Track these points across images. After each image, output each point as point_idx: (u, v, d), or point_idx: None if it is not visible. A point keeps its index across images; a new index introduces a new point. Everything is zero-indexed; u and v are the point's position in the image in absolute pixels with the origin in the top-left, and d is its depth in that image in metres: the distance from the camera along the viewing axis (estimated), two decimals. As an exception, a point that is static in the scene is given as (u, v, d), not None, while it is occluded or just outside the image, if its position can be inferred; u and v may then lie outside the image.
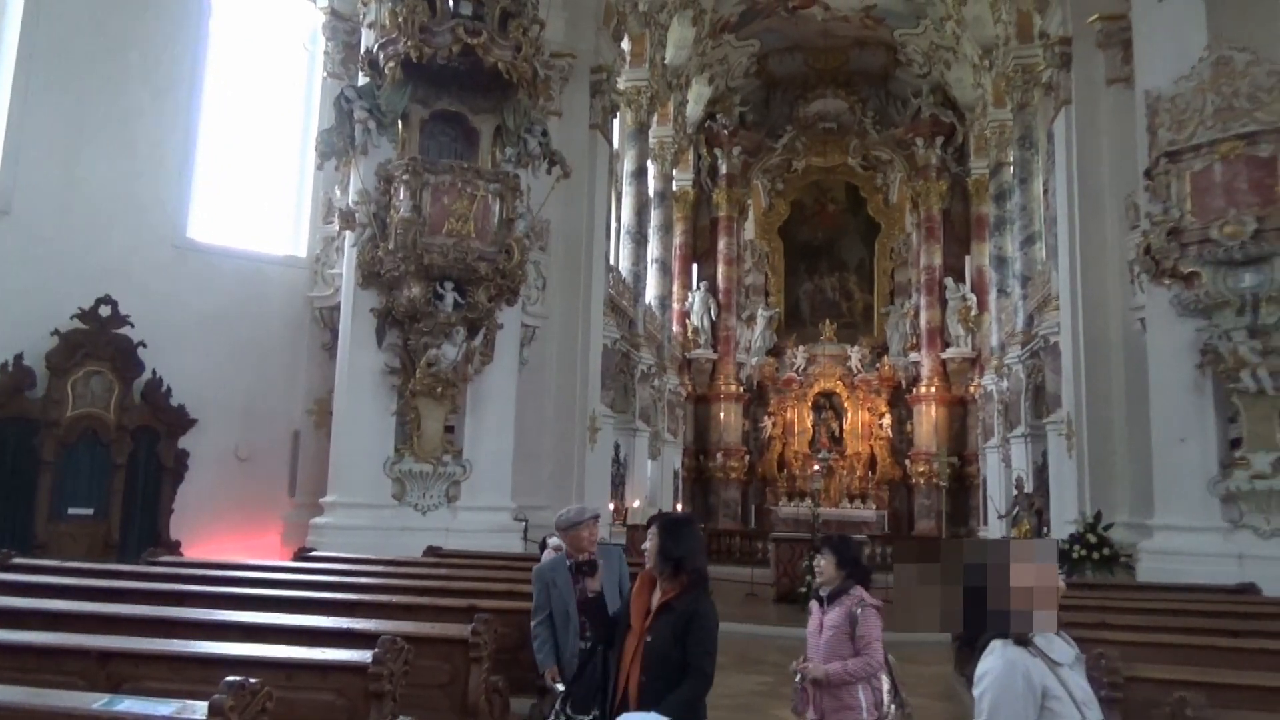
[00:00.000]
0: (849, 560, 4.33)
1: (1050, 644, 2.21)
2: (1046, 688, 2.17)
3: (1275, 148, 9.01)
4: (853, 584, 4.27)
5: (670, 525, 3.42)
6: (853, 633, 4.11)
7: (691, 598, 3.27)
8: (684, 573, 3.29)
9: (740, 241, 24.23)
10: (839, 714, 4.09)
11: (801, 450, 22.90)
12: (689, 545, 3.35)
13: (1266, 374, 9.02)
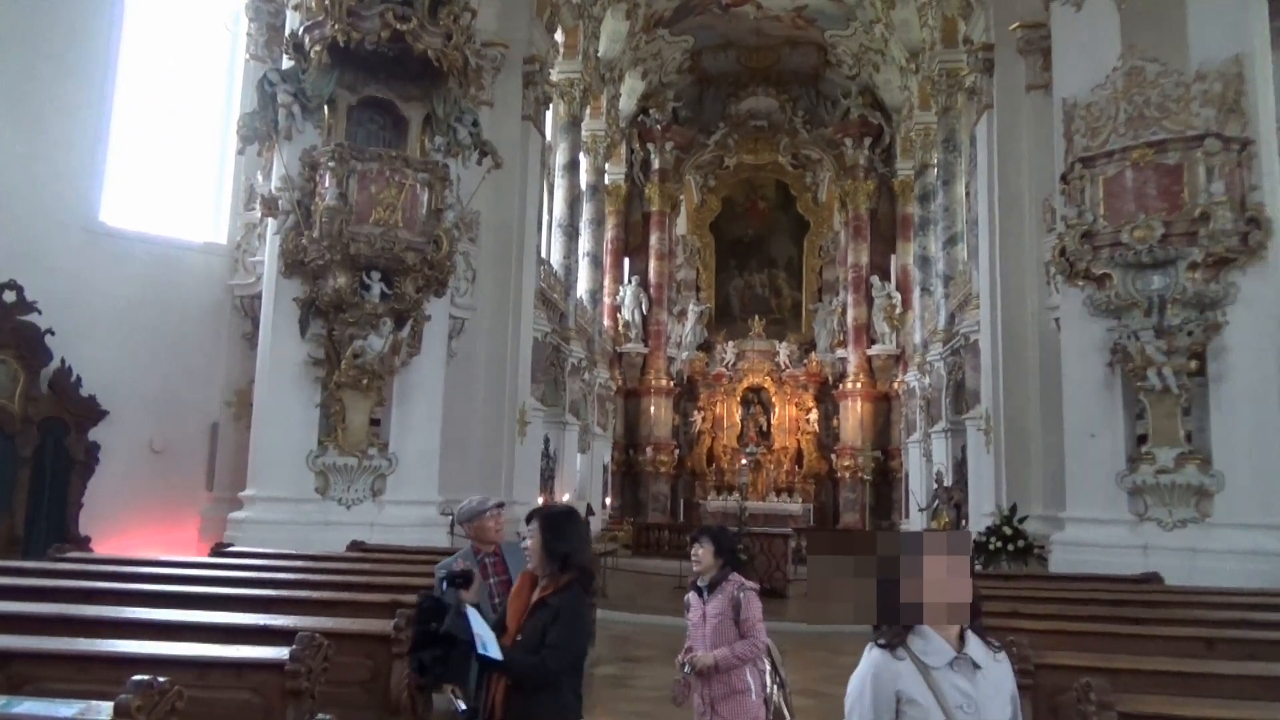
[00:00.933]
0: (726, 549, 4.39)
1: (927, 644, 2.11)
2: (901, 692, 2.09)
3: (1182, 156, 9.41)
4: (730, 571, 4.33)
5: (552, 520, 3.24)
6: (736, 618, 4.15)
7: (570, 594, 3.10)
8: (569, 569, 3.12)
9: (672, 236, 24.36)
10: (730, 699, 4.09)
11: (730, 444, 23.14)
12: (573, 541, 3.18)
13: (1170, 373, 9.41)
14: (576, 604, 3.09)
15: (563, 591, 3.10)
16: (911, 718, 2.09)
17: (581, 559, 3.17)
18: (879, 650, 2.17)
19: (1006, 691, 2.15)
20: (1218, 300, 9.36)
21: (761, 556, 13.77)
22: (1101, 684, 3.31)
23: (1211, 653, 4.83)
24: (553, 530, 3.18)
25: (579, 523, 3.29)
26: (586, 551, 3.24)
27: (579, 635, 3.08)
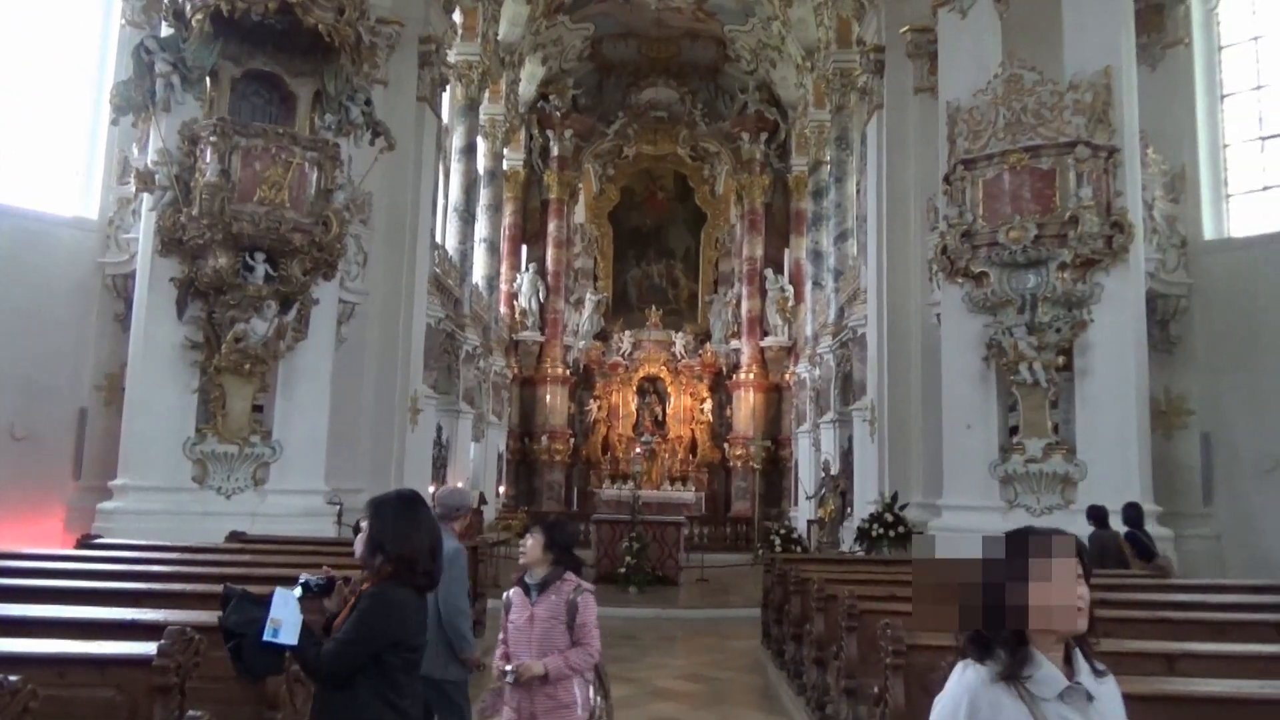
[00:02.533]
0: (558, 544, 3.90)
1: (1036, 672, 1.86)
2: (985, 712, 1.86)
3: (1055, 161, 9.92)
4: (563, 570, 3.86)
5: (379, 506, 2.96)
6: (571, 622, 3.73)
7: (377, 588, 2.83)
8: (387, 560, 2.84)
9: (570, 225, 24.28)
10: (554, 714, 3.68)
11: (625, 433, 23.27)
12: (395, 527, 2.88)
13: (1040, 368, 9.94)
14: (382, 598, 2.78)
15: (379, 584, 2.83)
16: None
17: (402, 548, 2.84)
18: (976, 671, 1.90)
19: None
20: (1084, 299, 9.92)
21: (654, 545, 13.91)
22: (967, 662, 3.47)
23: (1070, 631, 5.13)
24: (378, 516, 2.91)
25: (413, 510, 2.97)
26: (413, 541, 2.87)
27: (373, 632, 2.74)
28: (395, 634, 2.78)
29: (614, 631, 10.59)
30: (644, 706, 7.33)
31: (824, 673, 6.20)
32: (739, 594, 13.23)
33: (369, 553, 2.88)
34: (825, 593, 6.32)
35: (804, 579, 7.14)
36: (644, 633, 10.68)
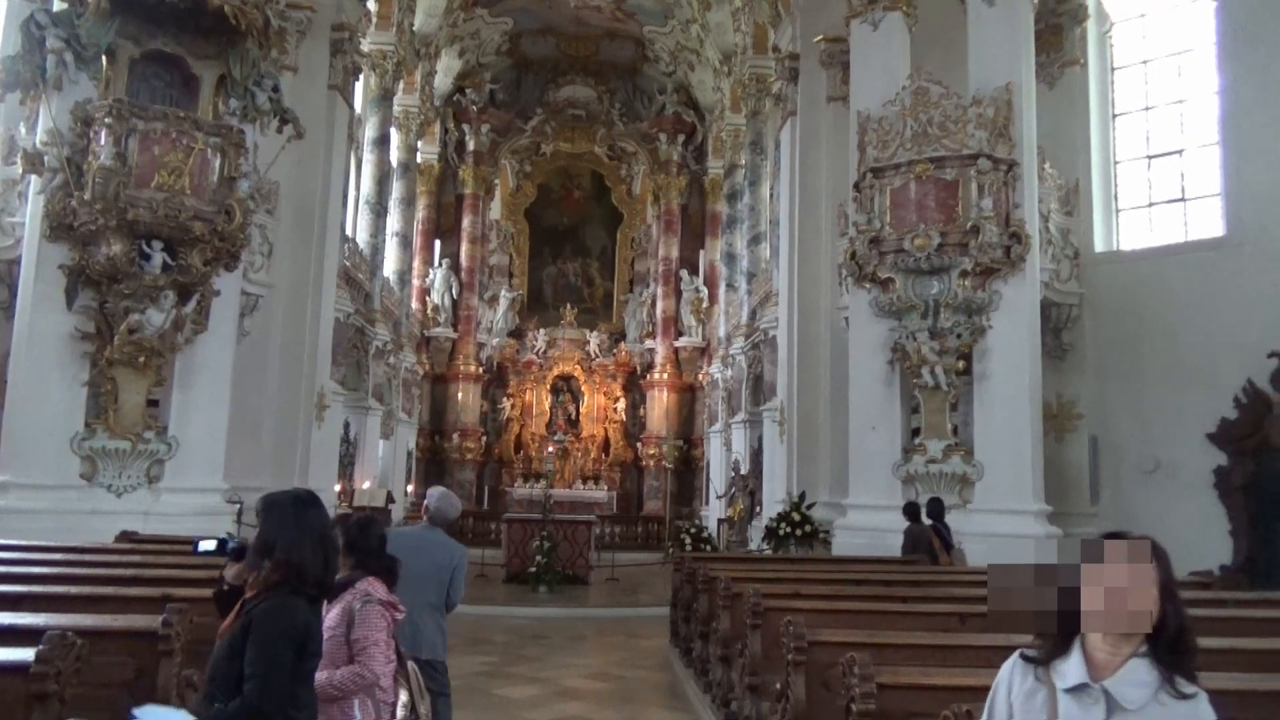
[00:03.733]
0: (358, 545, 3.52)
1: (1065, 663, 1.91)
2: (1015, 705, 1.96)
3: (958, 172, 10.26)
4: (360, 575, 3.46)
5: (272, 504, 2.70)
6: (347, 635, 3.31)
7: (266, 599, 2.55)
8: (276, 565, 2.59)
9: (485, 221, 24.04)
10: None
11: (539, 432, 23.16)
12: (286, 529, 2.62)
13: (942, 371, 10.27)
14: (280, 613, 2.51)
15: (267, 593, 2.55)
16: None
17: (292, 554, 2.55)
18: (1018, 659, 2.01)
19: None
20: (983, 306, 10.30)
21: (565, 544, 13.88)
22: (864, 658, 3.57)
23: (964, 626, 5.31)
24: (269, 516, 2.65)
25: (308, 513, 2.71)
26: (301, 548, 2.58)
27: (285, 650, 2.49)
28: (298, 647, 2.57)
29: (523, 631, 10.57)
30: (551, 706, 7.31)
31: (729, 670, 6.28)
32: (649, 593, 13.30)
33: (256, 556, 2.64)
34: (731, 591, 6.40)
35: (712, 577, 7.22)
36: (553, 632, 10.65)
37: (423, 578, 4.85)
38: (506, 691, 7.67)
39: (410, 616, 4.74)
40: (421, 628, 4.83)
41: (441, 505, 5.17)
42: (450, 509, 5.21)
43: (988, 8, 10.86)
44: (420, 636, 4.81)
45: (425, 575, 4.87)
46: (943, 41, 11.50)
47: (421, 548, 4.96)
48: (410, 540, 5.00)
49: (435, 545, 5.03)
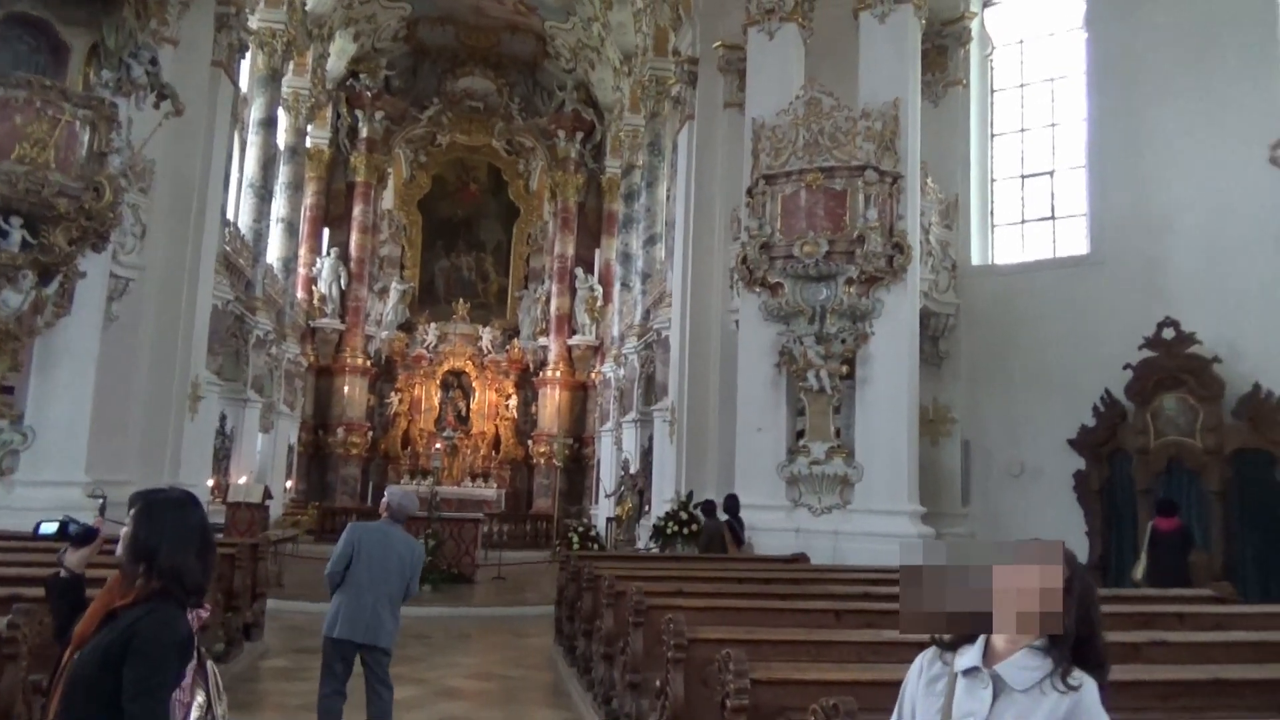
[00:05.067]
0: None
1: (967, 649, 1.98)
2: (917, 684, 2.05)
3: (847, 182, 10.57)
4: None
5: (152, 506, 2.51)
6: None
7: (147, 609, 2.36)
8: (154, 574, 2.39)
9: (377, 210, 23.44)
10: None
11: (427, 428, 22.74)
12: (169, 537, 2.44)
13: (826, 375, 10.57)
14: (167, 626, 2.35)
15: (141, 604, 2.38)
16: (925, 711, 2.01)
17: (175, 561, 2.39)
18: (931, 647, 2.08)
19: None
20: (867, 313, 10.65)
21: (451, 542, 13.66)
22: (739, 654, 3.63)
23: (839, 623, 5.48)
24: (149, 518, 2.46)
25: (190, 515, 2.56)
26: (188, 553, 2.44)
27: (169, 664, 2.35)
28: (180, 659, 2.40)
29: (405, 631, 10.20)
30: (431, 707, 7.18)
31: (611, 668, 6.30)
32: (536, 591, 13.23)
33: (131, 560, 2.44)
34: (615, 589, 6.43)
35: (596, 576, 7.23)
36: (436, 632, 10.46)
37: (386, 571, 5.30)
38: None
39: (373, 608, 5.29)
40: (382, 618, 5.29)
41: (402, 502, 5.62)
42: (409, 505, 5.69)
43: (879, 25, 11.22)
44: (380, 627, 5.28)
45: (389, 569, 5.30)
46: (836, 55, 11.83)
47: (385, 542, 5.39)
48: (374, 535, 5.41)
49: (397, 540, 5.44)
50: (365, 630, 5.27)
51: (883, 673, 3.80)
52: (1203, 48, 11.16)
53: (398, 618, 5.46)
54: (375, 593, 5.28)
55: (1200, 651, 4.56)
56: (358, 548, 5.33)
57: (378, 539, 5.38)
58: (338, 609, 5.30)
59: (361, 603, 5.25)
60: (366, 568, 5.28)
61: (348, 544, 5.35)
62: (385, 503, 5.66)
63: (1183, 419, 10.56)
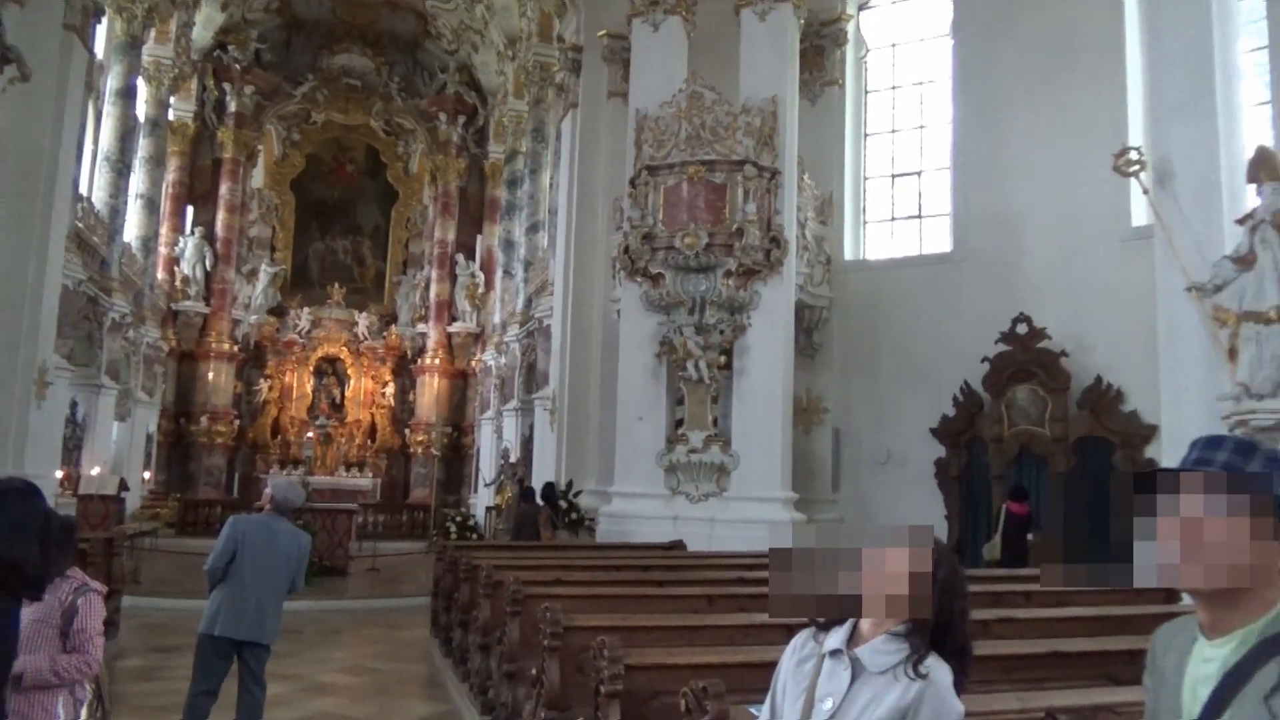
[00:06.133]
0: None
1: (836, 631, 2.01)
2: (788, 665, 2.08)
3: (727, 176, 10.77)
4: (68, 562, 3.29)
5: None
6: (66, 627, 3.14)
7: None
8: None
9: (247, 189, 22.41)
10: None
11: (299, 416, 21.97)
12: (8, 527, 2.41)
13: (705, 366, 10.76)
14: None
15: None
16: (793, 691, 2.04)
17: (14, 551, 2.37)
18: (807, 629, 2.10)
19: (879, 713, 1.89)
20: (745, 305, 10.89)
21: (323, 533, 13.26)
22: (614, 640, 3.69)
23: (711, 608, 5.61)
24: None
25: (31, 505, 2.52)
26: (28, 544, 2.39)
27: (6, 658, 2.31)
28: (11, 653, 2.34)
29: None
30: (301, 704, 6.98)
31: (488, 658, 6.28)
32: (412, 583, 13.01)
33: None
34: (493, 579, 6.40)
35: (474, 566, 7.17)
36: (307, 626, 10.15)
37: (273, 566, 5.15)
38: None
39: (259, 603, 5.14)
40: (266, 614, 5.16)
41: (287, 494, 5.46)
42: (295, 497, 5.54)
43: (759, 23, 11.46)
44: (264, 623, 5.15)
45: (275, 563, 5.16)
46: (718, 50, 12.01)
47: (270, 536, 5.21)
48: (259, 529, 5.23)
49: (283, 533, 5.28)
50: (249, 627, 5.11)
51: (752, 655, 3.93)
52: (1058, 61, 11.86)
53: (280, 612, 5.31)
54: (260, 588, 5.12)
55: (1043, 626, 4.89)
56: (241, 542, 5.14)
57: (262, 533, 5.21)
58: (218, 605, 5.11)
59: (245, 599, 5.08)
60: (251, 563, 5.10)
61: (230, 538, 5.16)
62: (268, 494, 5.47)
63: (1033, 409, 11.25)
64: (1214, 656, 1.41)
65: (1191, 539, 1.39)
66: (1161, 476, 1.43)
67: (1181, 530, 1.39)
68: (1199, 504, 1.40)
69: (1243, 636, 1.39)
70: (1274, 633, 1.36)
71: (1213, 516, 1.39)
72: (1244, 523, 1.38)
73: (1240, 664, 1.37)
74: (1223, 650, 1.40)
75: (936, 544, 1.98)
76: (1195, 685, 1.42)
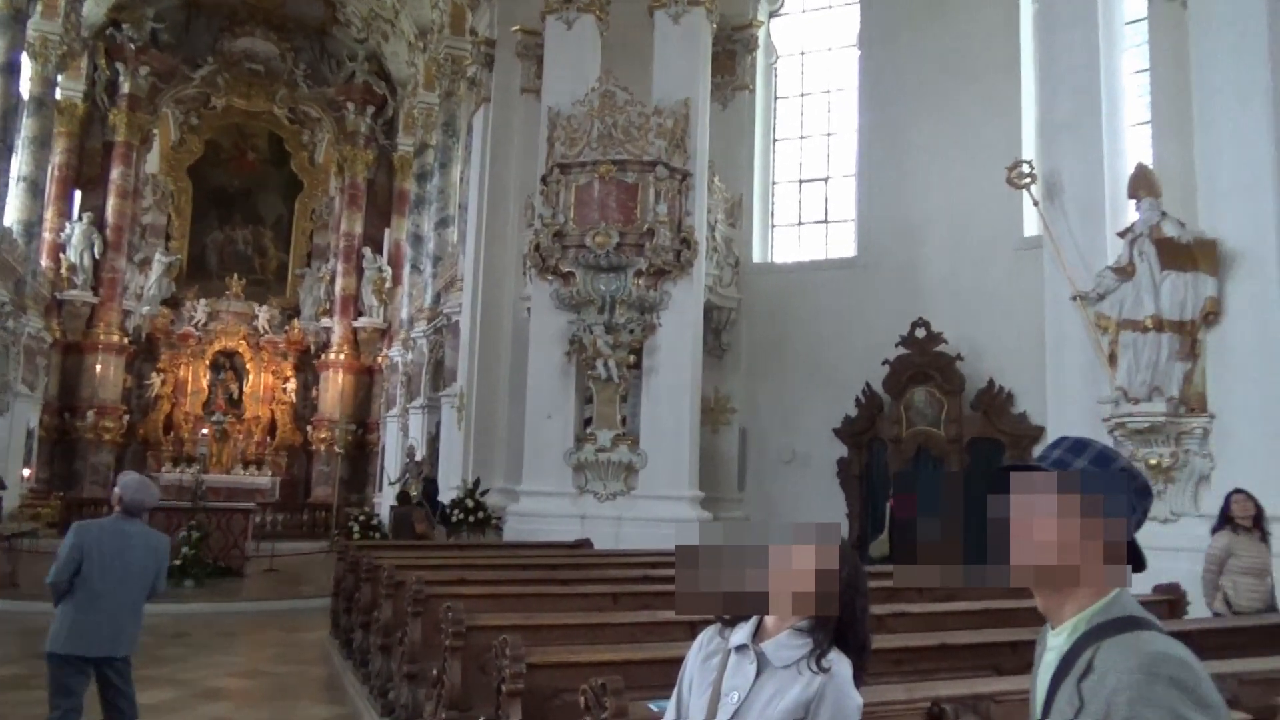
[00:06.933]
0: None
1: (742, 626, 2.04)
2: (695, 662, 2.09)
3: (639, 177, 10.84)
4: None
5: None
6: None
7: None
8: None
9: (140, 174, 21.46)
10: None
11: (194, 412, 21.17)
12: None
13: (614, 365, 10.81)
14: None
15: None
16: (699, 686, 2.05)
17: None
18: (714, 624, 2.10)
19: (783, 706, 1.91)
20: (655, 305, 10.98)
21: (218, 533, 12.81)
22: (515, 639, 3.67)
23: (616, 605, 5.64)
24: None
25: None
26: None
27: None
28: None
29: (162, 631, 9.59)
30: (191, 710, 6.74)
31: (389, 659, 6.17)
32: (312, 584, 12.66)
33: None
34: (395, 579, 6.29)
35: (376, 566, 7.04)
36: (200, 630, 9.81)
37: (126, 574, 4.66)
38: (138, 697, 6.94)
39: (113, 616, 4.65)
40: (123, 626, 4.69)
41: (138, 494, 4.83)
42: (147, 497, 4.90)
43: (673, 25, 11.56)
44: (120, 636, 4.68)
45: (129, 571, 4.66)
46: (631, 51, 12.05)
47: (122, 542, 4.67)
48: (107, 535, 4.69)
49: (136, 537, 4.75)
50: (103, 642, 4.60)
51: (654, 651, 3.97)
52: (958, 76, 12.31)
53: (140, 621, 4.83)
54: (114, 600, 4.60)
55: (933, 620, 5.07)
56: (87, 551, 4.58)
57: (112, 538, 4.65)
58: (66, 621, 4.59)
59: (97, 613, 4.58)
60: (100, 573, 4.57)
61: (75, 548, 4.59)
62: (117, 494, 4.83)
63: (930, 411, 11.65)
64: (1054, 646, 1.49)
65: (1021, 537, 1.45)
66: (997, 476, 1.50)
67: (1013, 529, 1.45)
68: (1030, 504, 1.45)
69: (1073, 626, 1.46)
70: (1098, 623, 1.43)
71: (1043, 516, 1.44)
72: (1073, 522, 1.43)
73: (1068, 653, 1.44)
74: (1059, 640, 1.48)
75: (841, 542, 2.01)
76: (1044, 674, 1.51)
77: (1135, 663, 1.33)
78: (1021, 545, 1.44)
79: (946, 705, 3.01)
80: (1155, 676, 1.30)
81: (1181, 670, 1.31)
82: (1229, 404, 7.54)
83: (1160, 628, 1.43)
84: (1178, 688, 1.29)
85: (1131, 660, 1.33)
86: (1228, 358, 7.59)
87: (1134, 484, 1.50)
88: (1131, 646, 1.36)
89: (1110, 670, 1.35)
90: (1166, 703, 1.28)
